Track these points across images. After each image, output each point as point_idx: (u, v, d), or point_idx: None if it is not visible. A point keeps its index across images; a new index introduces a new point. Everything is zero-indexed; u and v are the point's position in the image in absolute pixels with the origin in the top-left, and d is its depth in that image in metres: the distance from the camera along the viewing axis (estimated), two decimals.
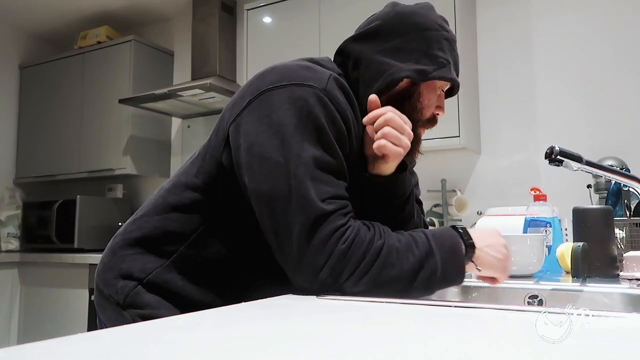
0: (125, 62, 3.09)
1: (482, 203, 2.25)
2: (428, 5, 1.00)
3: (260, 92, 0.85)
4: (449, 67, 0.93)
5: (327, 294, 0.80)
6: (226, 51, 3.03)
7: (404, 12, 0.98)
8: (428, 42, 0.93)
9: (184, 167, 1.00)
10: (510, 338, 0.51)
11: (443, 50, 0.94)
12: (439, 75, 0.92)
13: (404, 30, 0.95)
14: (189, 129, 3.23)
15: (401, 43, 0.94)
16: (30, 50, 3.66)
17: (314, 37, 2.45)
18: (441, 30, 0.96)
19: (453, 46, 0.97)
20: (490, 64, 2.37)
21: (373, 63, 0.95)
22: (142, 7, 3.26)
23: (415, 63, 0.92)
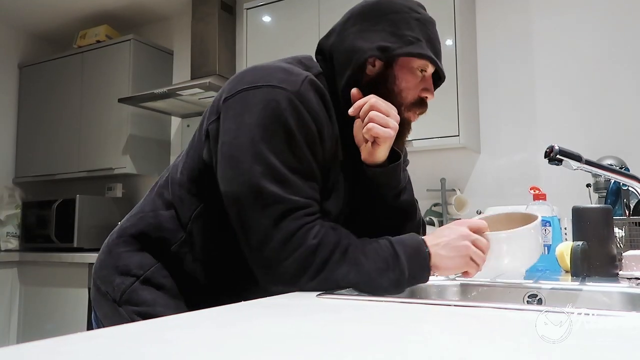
0: (125, 62, 3.09)
1: (481, 202, 2.25)
2: None
3: (237, 92, 0.87)
4: (418, 44, 0.91)
5: (326, 293, 0.80)
6: (226, 50, 3.03)
7: (372, 1, 0.98)
8: (395, 23, 0.92)
9: (174, 163, 1.01)
10: (510, 338, 0.51)
11: (412, 29, 0.92)
12: (406, 51, 0.90)
13: (371, 16, 0.95)
14: (189, 128, 3.23)
15: (367, 26, 0.94)
16: (30, 50, 3.65)
17: (313, 36, 2.44)
18: (411, 12, 0.94)
19: (428, 26, 0.95)
20: (489, 63, 2.37)
21: (341, 53, 0.95)
22: (142, 6, 3.26)
23: (380, 42, 0.91)
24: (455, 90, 2.10)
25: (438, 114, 2.13)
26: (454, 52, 2.11)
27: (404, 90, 0.96)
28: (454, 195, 2.24)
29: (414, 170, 2.45)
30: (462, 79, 2.13)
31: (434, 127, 2.13)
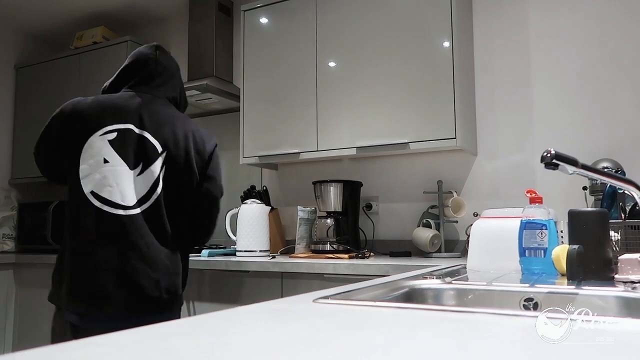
0: (122, 63, 3.07)
1: (478, 204, 2.26)
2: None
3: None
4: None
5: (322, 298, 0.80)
6: (223, 52, 3.02)
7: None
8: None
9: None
10: (508, 344, 0.52)
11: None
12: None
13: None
14: None
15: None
16: (26, 50, 3.64)
17: (310, 37, 2.45)
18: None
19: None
20: (486, 65, 2.37)
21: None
22: (139, 8, 3.25)
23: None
24: (452, 93, 2.11)
25: (435, 117, 2.13)
26: (451, 54, 2.12)
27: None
28: (450, 198, 2.25)
29: (411, 172, 2.47)
30: (459, 81, 2.13)
31: (431, 129, 2.14)
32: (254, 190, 2.64)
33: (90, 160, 1.51)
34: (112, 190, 1.49)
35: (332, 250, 2.24)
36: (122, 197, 1.49)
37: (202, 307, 2.19)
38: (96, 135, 1.53)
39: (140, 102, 1.60)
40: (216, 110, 3.04)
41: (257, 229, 2.41)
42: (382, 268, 1.81)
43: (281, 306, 0.76)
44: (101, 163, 1.51)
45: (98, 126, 1.54)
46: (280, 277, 2.02)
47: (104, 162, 1.51)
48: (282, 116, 2.49)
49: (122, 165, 1.52)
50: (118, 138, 1.54)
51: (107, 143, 1.53)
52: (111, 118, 1.55)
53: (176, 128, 1.60)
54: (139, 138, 1.55)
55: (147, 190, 1.53)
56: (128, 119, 1.56)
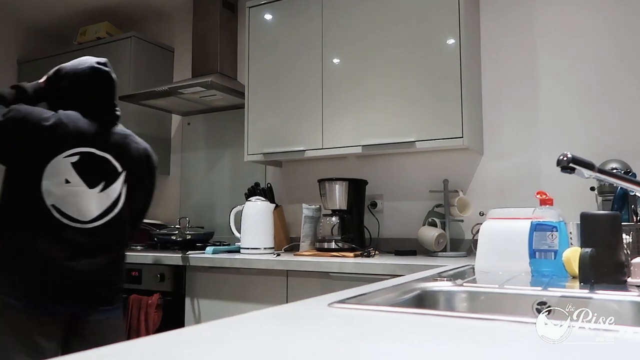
0: (125, 59, 3.07)
1: (484, 204, 2.25)
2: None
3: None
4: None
5: (337, 302, 0.79)
6: (227, 48, 3.01)
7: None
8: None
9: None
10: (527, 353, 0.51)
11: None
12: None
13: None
14: (189, 126, 3.21)
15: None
16: (29, 45, 3.62)
17: (316, 34, 2.43)
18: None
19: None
20: (493, 64, 2.36)
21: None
22: (143, 3, 3.24)
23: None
24: (459, 91, 2.09)
25: (441, 115, 2.12)
26: (458, 52, 2.10)
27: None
28: (456, 197, 2.24)
29: (417, 170, 2.45)
30: (466, 80, 2.12)
31: (438, 128, 2.13)
32: (258, 188, 2.64)
33: (53, 179, 1.68)
34: (71, 207, 1.69)
35: (337, 248, 2.24)
36: (80, 214, 1.70)
37: (206, 304, 2.19)
38: (60, 156, 1.69)
39: (97, 127, 1.78)
40: (220, 106, 3.03)
41: (262, 226, 2.40)
42: (389, 267, 1.80)
43: (296, 311, 0.75)
44: (63, 183, 1.69)
45: (63, 147, 1.70)
46: (286, 276, 2.02)
47: (66, 182, 1.69)
48: (287, 113, 2.48)
49: (82, 185, 1.72)
50: (80, 161, 1.72)
51: (69, 165, 1.70)
52: (74, 142, 1.71)
53: (131, 148, 1.85)
54: (101, 160, 1.76)
55: (109, 205, 1.77)
56: (90, 143, 1.74)
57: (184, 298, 2.24)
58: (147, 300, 2.22)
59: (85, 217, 1.71)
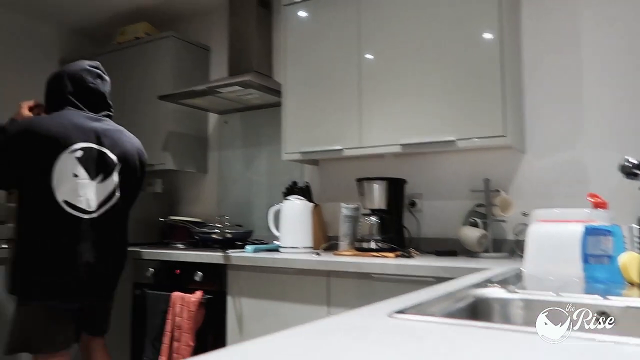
0: (164, 58, 3.12)
1: (527, 203, 2.20)
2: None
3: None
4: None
5: (398, 312, 0.79)
6: (263, 47, 3.02)
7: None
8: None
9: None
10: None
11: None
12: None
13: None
14: (226, 125, 3.24)
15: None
16: (71, 46, 3.72)
17: (352, 32, 2.41)
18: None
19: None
20: (535, 59, 2.30)
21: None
22: (180, 3, 3.28)
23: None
24: (500, 88, 2.05)
25: (482, 113, 2.08)
26: (498, 47, 2.06)
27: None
28: (498, 196, 2.20)
29: (456, 169, 2.42)
30: (507, 75, 2.07)
31: (478, 126, 2.09)
32: (295, 186, 2.65)
33: (62, 174, 1.90)
34: (81, 199, 1.93)
35: (377, 248, 2.23)
36: (87, 204, 1.95)
37: (248, 303, 2.21)
38: (66, 152, 1.92)
39: (94, 123, 2.04)
40: (256, 105, 3.05)
41: (301, 225, 2.41)
42: (432, 269, 1.78)
43: (356, 322, 0.75)
44: (71, 177, 1.92)
45: (66, 144, 1.92)
46: (327, 276, 2.02)
47: (74, 176, 1.93)
48: (324, 112, 2.47)
49: (86, 178, 1.96)
50: (83, 155, 1.96)
51: (75, 160, 1.94)
52: (76, 137, 1.95)
53: (123, 143, 2.11)
54: (99, 153, 2.01)
55: (106, 196, 2.02)
56: (89, 138, 1.98)
57: (226, 296, 2.27)
58: (190, 298, 2.26)
59: (91, 207, 1.96)
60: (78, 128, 1.97)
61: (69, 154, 1.93)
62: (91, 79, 2.12)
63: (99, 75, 2.16)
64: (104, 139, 2.04)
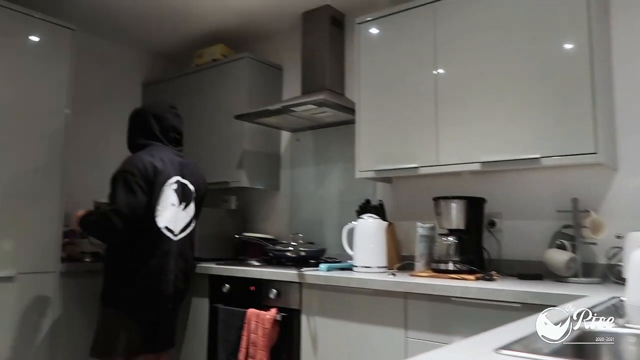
0: (239, 78, 3.21)
1: (620, 225, 2.05)
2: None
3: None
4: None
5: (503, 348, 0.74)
6: (335, 65, 3.04)
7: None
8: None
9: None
10: None
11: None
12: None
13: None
14: (299, 143, 3.28)
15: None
16: (152, 69, 3.92)
17: (428, 48, 2.37)
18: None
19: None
20: (627, 69, 2.15)
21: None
22: (254, 25, 3.37)
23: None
24: (589, 101, 1.93)
25: (570, 129, 1.96)
26: (588, 58, 1.94)
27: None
28: (588, 217, 2.06)
29: (539, 187, 2.30)
30: (597, 87, 1.95)
31: (566, 142, 1.97)
32: (369, 205, 2.62)
33: (163, 204, 2.25)
34: (175, 224, 2.31)
35: (455, 270, 2.15)
36: (176, 228, 2.32)
37: (322, 322, 2.20)
38: (167, 184, 2.28)
39: (177, 158, 2.40)
40: (329, 123, 3.06)
41: (375, 244, 2.38)
42: (518, 294, 1.69)
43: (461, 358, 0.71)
44: (169, 205, 2.28)
45: (167, 178, 2.28)
46: (403, 297, 1.97)
47: (171, 205, 2.29)
48: (399, 129, 2.44)
49: (177, 205, 2.32)
50: (177, 186, 2.32)
51: (172, 191, 2.30)
52: (173, 172, 2.32)
53: (197, 175, 2.46)
54: (183, 185, 2.36)
55: (187, 222, 2.38)
56: (178, 172, 2.35)
57: (300, 314, 2.27)
58: (265, 315, 2.27)
59: (177, 230, 2.32)
60: (171, 163, 2.33)
61: (169, 186, 2.29)
62: (172, 118, 2.44)
63: (177, 115, 2.48)
64: (185, 172, 2.38)
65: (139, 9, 3.14)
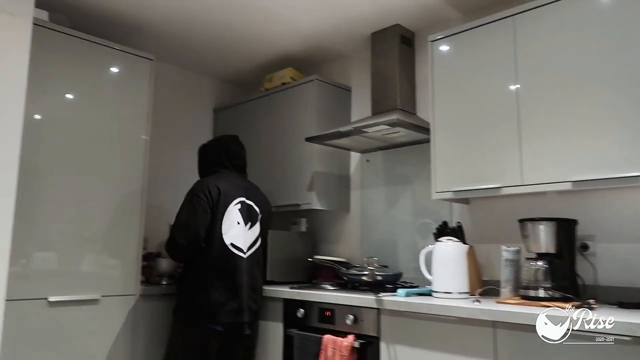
0: (308, 101, 3.22)
1: None
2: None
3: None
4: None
5: None
6: (406, 84, 2.98)
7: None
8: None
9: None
10: None
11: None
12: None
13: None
14: (368, 163, 3.23)
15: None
16: (223, 95, 4.02)
17: (508, 63, 2.27)
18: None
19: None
20: None
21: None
22: (322, 48, 3.38)
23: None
24: None
25: None
26: None
27: None
28: None
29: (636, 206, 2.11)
30: None
31: None
32: (447, 227, 2.51)
33: (228, 222, 2.49)
34: (240, 241, 2.51)
35: (547, 297, 2.00)
36: (243, 246, 2.51)
37: (403, 351, 2.11)
38: (232, 204, 2.53)
39: (243, 182, 2.68)
40: (400, 143, 3.00)
41: (455, 268, 2.27)
42: (625, 326, 1.53)
43: None
44: (235, 224, 2.52)
45: (232, 198, 2.54)
46: (492, 327, 1.85)
47: (237, 224, 2.53)
48: (478, 148, 2.34)
49: (243, 225, 2.54)
50: (241, 207, 2.56)
51: (237, 210, 2.54)
52: (237, 194, 2.57)
53: (261, 198, 2.72)
54: (249, 206, 2.61)
55: (253, 240, 2.57)
56: (242, 194, 2.60)
57: (379, 342, 2.19)
58: (342, 342, 2.21)
59: (245, 248, 2.51)
60: (236, 186, 2.59)
61: (234, 205, 2.53)
62: (238, 149, 2.76)
63: (240, 144, 2.79)
64: (250, 194, 2.62)
65: (212, 37, 3.24)
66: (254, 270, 2.53)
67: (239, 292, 2.42)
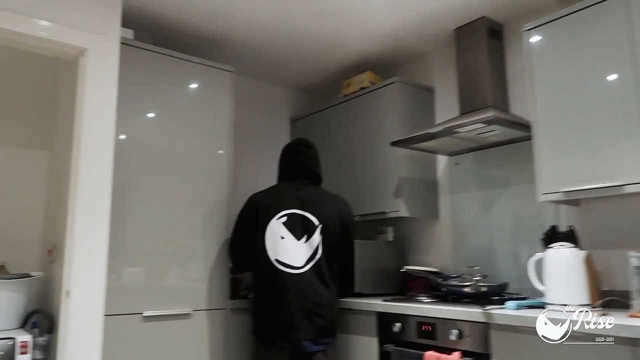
0: (389, 104, 3.08)
1: None
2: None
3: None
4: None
5: None
6: (496, 79, 2.78)
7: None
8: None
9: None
10: None
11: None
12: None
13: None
14: (458, 166, 3.03)
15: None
16: (299, 104, 3.98)
17: (622, 44, 2.02)
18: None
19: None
20: None
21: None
22: (402, 48, 3.25)
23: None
24: None
25: None
26: None
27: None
28: None
29: None
30: None
31: None
32: (557, 231, 2.28)
33: (272, 238, 2.41)
34: (288, 256, 2.38)
35: None
36: (294, 261, 2.38)
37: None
38: (273, 219, 2.44)
39: (300, 192, 2.51)
40: (492, 143, 2.78)
41: (572, 278, 2.04)
42: None
43: None
44: (279, 239, 2.41)
45: (274, 212, 2.45)
46: (632, 345, 1.61)
47: (281, 238, 2.41)
48: (590, 143, 2.10)
49: (291, 238, 2.41)
50: (288, 220, 2.44)
51: (281, 224, 2.43)
52: (283, 206, 2.46)
53: (325, 206, 2.51)
54: (302, 217, 2.45)
55: (312, 253, 2.41)
56: (293, 205, 2.47)
57: (490, 359, 1.99)
58: (447, 359, 2.03)
59: (299, 263, 2.37)
60: (286, 198, 2.48)
61: (276, 220, 2.43)
62: (297, 155, 2.63)
63: (303, 150, 2.65)
64: (307, 205, 2.47)
65: (291, 46, 3.19)
66: (315, 285, 2.36)
67: (289, 309, 2.30)
